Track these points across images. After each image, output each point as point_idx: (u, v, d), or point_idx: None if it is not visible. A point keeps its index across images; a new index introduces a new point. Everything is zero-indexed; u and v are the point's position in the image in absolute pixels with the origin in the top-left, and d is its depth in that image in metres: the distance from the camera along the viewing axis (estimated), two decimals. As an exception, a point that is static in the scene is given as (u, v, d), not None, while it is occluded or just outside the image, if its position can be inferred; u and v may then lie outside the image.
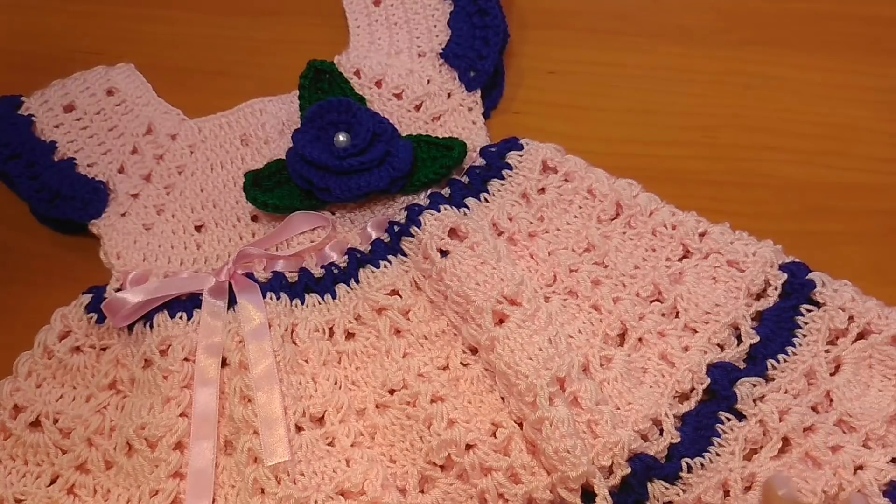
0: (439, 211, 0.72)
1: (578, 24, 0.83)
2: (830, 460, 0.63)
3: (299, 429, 0.66)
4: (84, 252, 0.76)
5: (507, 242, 0.72)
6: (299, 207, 0.74)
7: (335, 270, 0.72)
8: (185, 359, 0.69)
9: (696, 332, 0.68)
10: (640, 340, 0.68)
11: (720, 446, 0.64)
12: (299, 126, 0.76)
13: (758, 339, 0.67)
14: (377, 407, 0.67)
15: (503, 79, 0.81)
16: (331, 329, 0.70)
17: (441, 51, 0.80)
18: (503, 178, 0.74)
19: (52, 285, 0.75)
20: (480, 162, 0.75)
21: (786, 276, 0.68)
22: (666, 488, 0.63)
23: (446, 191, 0.74)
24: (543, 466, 0.64)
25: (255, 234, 0.75)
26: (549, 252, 0.71)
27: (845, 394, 0.65)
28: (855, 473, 0.63)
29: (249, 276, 0.72)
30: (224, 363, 0.69)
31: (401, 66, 0.80)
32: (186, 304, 0.71)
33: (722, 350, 0.67)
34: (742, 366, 0.67)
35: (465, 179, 0.75)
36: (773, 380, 0.66)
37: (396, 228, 0.73)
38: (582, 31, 0.83)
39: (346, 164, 0.73)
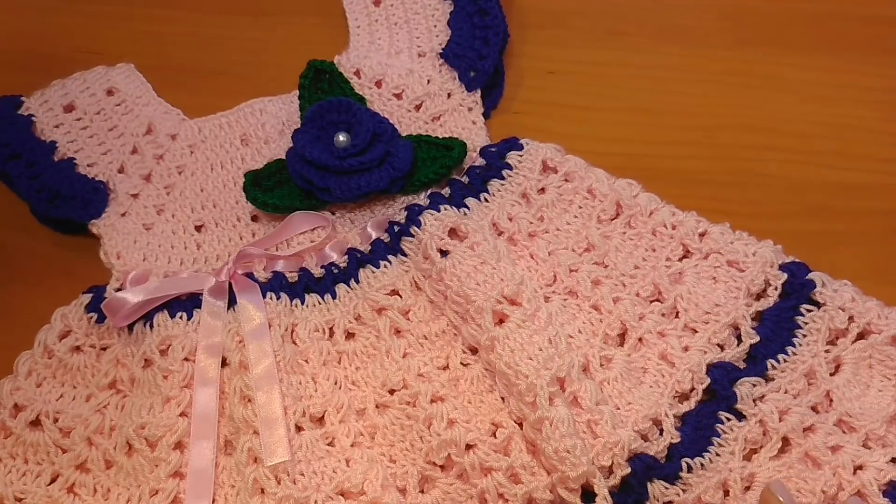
0: (439, 211, 0.72)
1: (578, 24, 0.83)
2: (830, 460, 0.63)
3: (299, 429, 0.66)
4: (84, 252, 0.76)
5: (507, 242, 0.72)
6: (299, 207, 0.74)
7: (335, 270, 0.72)
8: (185, 359, 0.69)
9: (696, 332, 0.68)
10: (640, 340, 0.68)
11: (720, 446, 0.64)
12: (299, 126, 0.76)
13: (758, 339, 0.67)
14: (377, 407, 0.67)
15: (503, 79, 0.81)
16: (331, 329, 0.70)
17: (441, 51, 0.80)
18: (503, 178, 0.74)
19: (52, 285, 0.75)
20: (480, 162, 0.75)
21: (786, 276, 0.68)
22: (666, 488, 0.63)
23: (446, 191, 0.74)
24: (543, 466, 0.64)
25: (255, 234, 0.75)
26: (549, 252, 0.71)
27: (845, 394, 0.65)
28: (855, 473, 0.63)
29: (249, 276, 0.72)
30: (224, 363, 0.69)
31: (401, 66, 0.80)
32: (186, 304, 0.71)
33: (722, 350, 0.67)
34: (742, 366, 0.67)
35: (465, 179, 0.75)
36: (773, 380, 0.66)
37: (396, 228, 0.73)
38: (582, 31, 0.83)
39: (346, 164, 0.73)
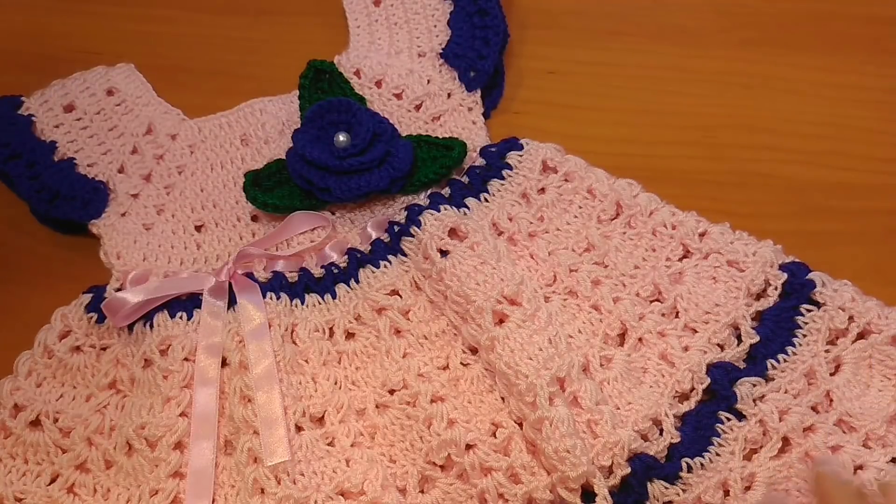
0: (439, 211, 0.72)
1: (578, 24, 0.83)
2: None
3: (299, 429, 0.66)
4: (84, 252, 0.76)
5: (507, 242, 0.72)
6: (299, 207, 0.74)
7: (335, 270, 0.72)
8: (185, 359, 0.69)
9: (696, 331, 0.68)
10: (640, 340, 0.68)
11: (720, 446, 0.64)
12: (299, 126, 0.76)
13: (758, 338, 0.67)
14: (377, 407, 0.67)
15: (503, 79, 0.81)
16: (331, 329, 0.70)
17: (441, 51, 0.80)
18: (503, 178, 0.74)
19: (52, 285, 0.75)
20: (480, 162, 0.75)
21: (786, 276, 0.68)
22: (666, 488, 0.63)
23: (446, 191, 0.74)
24: (543, 466, 0.64)
25: (255, 234, 0.75)
26: (549, 252, 0.71)
27: (845, 394, 0.65)
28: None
29: (249, 276, 0.72)
30: (224, 363, 0.69)
31: (401, 66, 0.80)
32: (186, 303, 0.71)
33: (722, 350, 0.67)
34: (742, 366, 0.67)
35: (465, 179, 0.75)
36: (773, 380, 0.66)
37: (396, 228, 0.73)
38: (582, 31, 0.83)
39: (346, 164, 0.73)
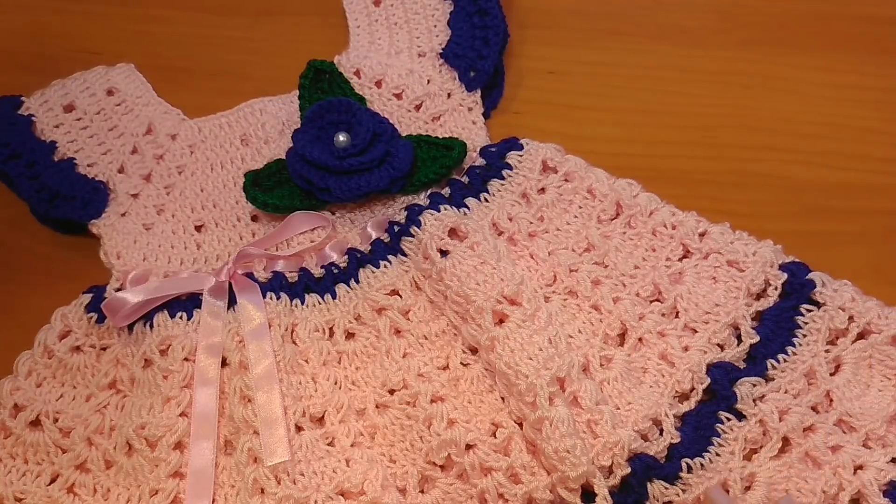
0: (439, 211, 0.72)
1: (578, 24, 0.83)
2: (830, 460, 0.63)
3: (299, 429, 0.66)
4: (84, 252, 0.76)
5: (507, 242, 0.71)
6: (299, 207, 0.74)
7: (335, 270, 0.72)
8: (185, 359, 0.69)
9: (696, 331, 0.68)
10: (640, 340, 0.68)
11: (720, 446, 0.64)
12: (299, 126, 0.76)
13: (758, 338, 0.67)
14: (377, 407, 0.67)
15: (503, 79, 0.81)
16: (331, 329, 0.70)
17: (441, 51, 0.80)
18: (503, 178, 0.74)
19: (52, 285, 0.75)
20: (480, 162, 0.75)
21: (786, 276, 0.68)
22: (665, 488, 0.63)
23: (446, 191, 0.74)
24: (543, 466, 0.64)
25: (255, 234, 0.75)
26: (549, 252, 0.71)
27: (845, 394, 0.65)
28: (855, 473, 0.63)
29: (249, 276, 0.72)
30: (224, 363, 0.69)
31: (401, 66, 0.80)
32: (186, 304, 0.71)
33: (722, 350, 0.67)
34: (742, 366, 0.67)
35: (465, 179, 0.75)
36: (773, 380, 0.66)
37: (396, 228, 0.73)
38: (582, 31, 0.83)
39: (346, 164, 0.73)
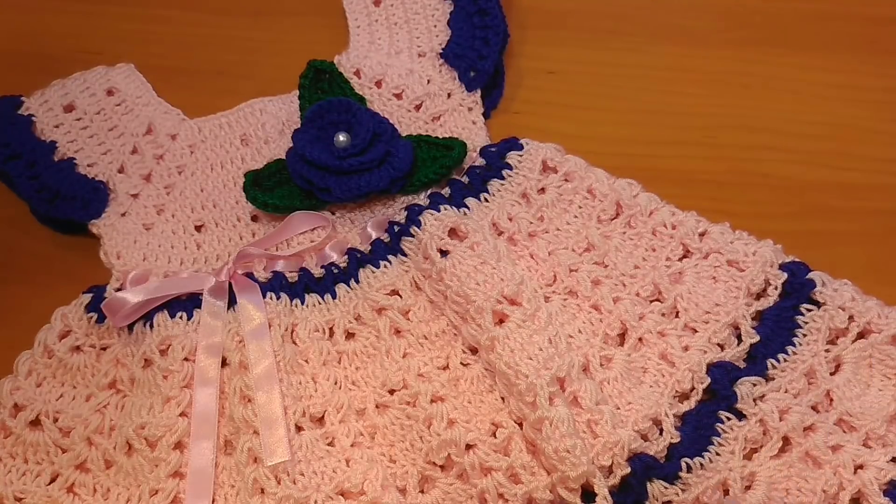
0: (439, 211, 0.72)
1: (578, 24, 0.83)
2: (830, 460, 0.63)
3: (299, 429, 0.66)
4: (84, 252, 0.76)
5: (507, 242, 0.71)
6: (299, 207, 0.74)
7: (335, 270, 0.72)
8: (185, 359, 0.69)
9: (696, 331, 0.68)
10: (640, 340, 0.68)
11: (720, 446, 0.64)
12: (299, 126, 0.76)
13: (758, 338, 0.67)
14: (377, 407, 0.67)
15: (503, 79, 0.81)
16: (331, 329, 0.70)
17: (441, 51, 0.80)
18: (503, 178, 0.74)
19: (52, 285, 0.75)
20: (480, 162, 0.75)
21: (786, 275, 0.68)
22: (665, 488, 0.63)
23: (446, 191, 0.74)
24: (543, 466, 0.64)
25: (255, 234, 0.75)
26: (549, 252, 0.71)
27: (845, 393, 0.65)
28: (855, 473, 0.63)
29: (249, 276, 0.72)
30: (224, 363, 0.69)
31: (401, 66, 0.80)
32: (186, 303, 0.71)
33: (722, 349, 0.67)
34: (742, 365, 0.67)
35: (465, 179, 0.75)
36: (774, 379, 0.66)
37: (396, 228, 0.73)
38: (582, 31, 0.83)
39: (346, 164, 0.73)
